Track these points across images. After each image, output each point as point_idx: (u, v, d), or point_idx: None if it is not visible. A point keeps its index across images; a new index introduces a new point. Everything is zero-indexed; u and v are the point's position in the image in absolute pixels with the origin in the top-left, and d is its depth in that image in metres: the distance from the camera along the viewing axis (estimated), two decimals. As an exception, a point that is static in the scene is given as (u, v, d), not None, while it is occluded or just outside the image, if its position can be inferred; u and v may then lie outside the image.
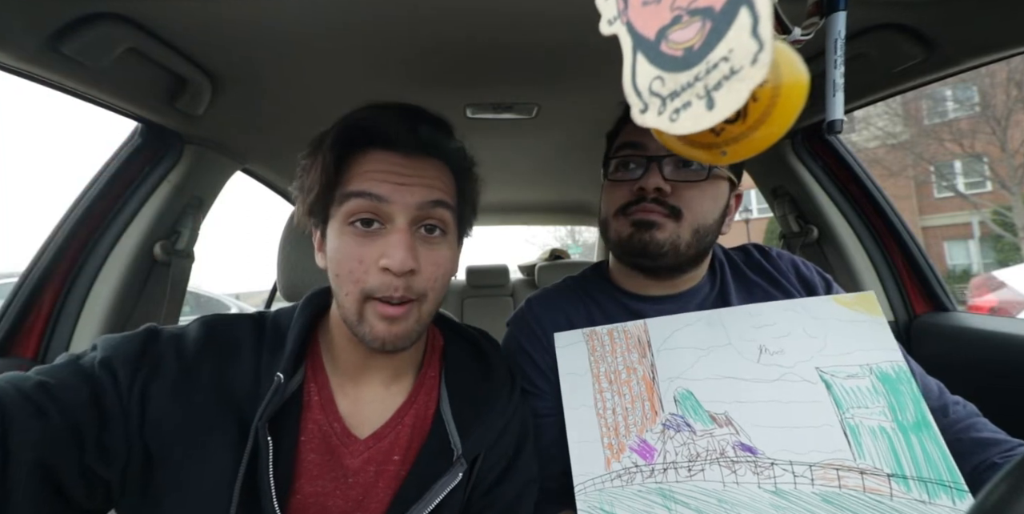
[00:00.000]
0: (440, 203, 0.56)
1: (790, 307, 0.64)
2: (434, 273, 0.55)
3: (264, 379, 0.53)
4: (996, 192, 11.56)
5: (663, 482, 0.56)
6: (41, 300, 0.91)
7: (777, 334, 0.62)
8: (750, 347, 0.62)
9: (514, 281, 2.76)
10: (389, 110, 0.57)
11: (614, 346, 0.67)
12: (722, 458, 0.56)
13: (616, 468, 0.59)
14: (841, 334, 0.60)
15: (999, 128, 10.47)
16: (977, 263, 13.04)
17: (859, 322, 0.60)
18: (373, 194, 0.53)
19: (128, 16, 0.70)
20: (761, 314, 0.64)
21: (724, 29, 0.26)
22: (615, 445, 0.60)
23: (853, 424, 0.54)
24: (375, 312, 0.53)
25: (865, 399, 0.55)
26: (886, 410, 0.54)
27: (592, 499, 0.58)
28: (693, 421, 0.59)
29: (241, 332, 0.57)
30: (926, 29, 0.77)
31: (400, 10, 0.72)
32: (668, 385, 0.62)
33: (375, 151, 0.55)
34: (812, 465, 0.53)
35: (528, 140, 1.37)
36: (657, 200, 0.67)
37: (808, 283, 0.76)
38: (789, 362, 0.59)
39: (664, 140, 0.43)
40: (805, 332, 0.61)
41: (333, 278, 0.55)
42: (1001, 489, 0.26)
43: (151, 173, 1.02)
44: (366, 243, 0.53)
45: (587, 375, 0.66)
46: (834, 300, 0.63)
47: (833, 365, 0.58)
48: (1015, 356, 0.90)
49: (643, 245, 0.67)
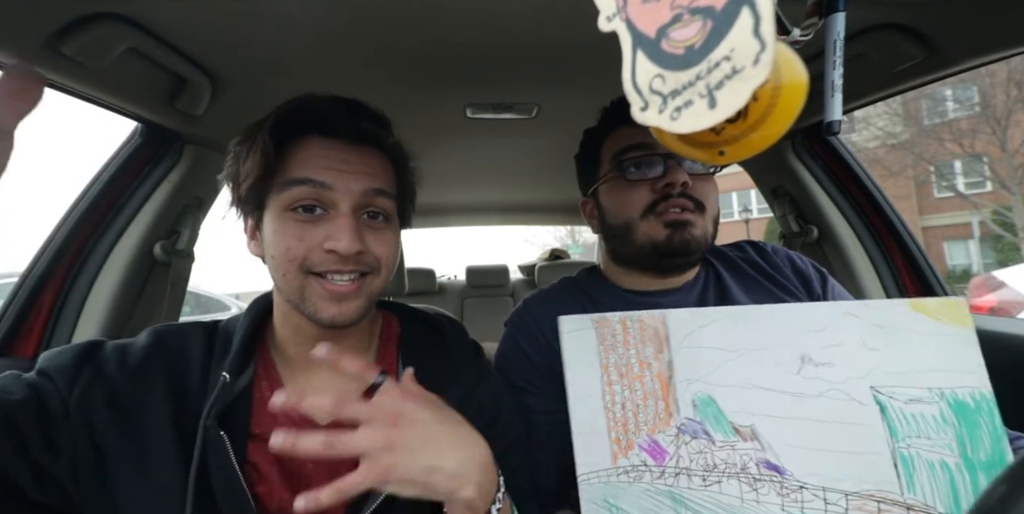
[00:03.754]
0: (382, 192, 0.56)
1: (849, 310, 0.54)
2: (383, 251, 0.55)
3: (213, 382, 0.53)
4: (996, 192, 11.57)
5: (674, 486, 0.53)
6: (41, 300, 0.91)
7: (827, 343, 0.53)
8: (790, 355, 0.54)
9: (514, 281, 2.76)
10: (329, 100, 0.57)
11: (626, 336, 0.61)
12: (743, 474, 0.51)
13: (624, 464, 0.56)
14: (910, 348, 0.51)
15: (999, 128, 10.48)
16: (977, 263, 13.05)
17: (939, 335, 0.50)
18: (317, 181, 0.52)
19: (128, 16, 0.70)
20: (809, 317, 0.55)
21: (726, 28, 0.26)
22: (623, 441, 0.57)
23: (907, 455, 0.47)
24: (320, 291, 0.52)
25: (928, 429, 0.48)
26: (953, 443, 0.47)
27: (597, 491, 0.56)
28: (713, 430, 0.54)
29: (191, 341, 0.57)
30: (926, 29, 0.77)
31: (400, 10, 0.72)
32: (686, 387, 0.57)
33: (316, 138, 0.55)
34: (849, 494, 0.48)
35: (528, 140, 1.37)
36: (683, 195, 0.68)
37: (803, 275, 0.77)
38: (838, 377, 0.51)
39: (663, 139, 0.43)
40: (863, 343, 0.52)
41: (270, 261, 0.54)
42: (1001, 489, 0.26)
43: (151, 173, 1.02)
44: (309, 227, 0.52)
45: (595, 365, 0.61)
46: (911, 305, 0.53)
47: (893, 385, 0.50)
48: (1015, 356, 0.90)
49: (684, 245, 0.67)
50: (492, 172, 1.74)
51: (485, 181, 1.87)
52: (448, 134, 1.30)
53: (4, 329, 0.87)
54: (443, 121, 1.20)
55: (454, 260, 25.37)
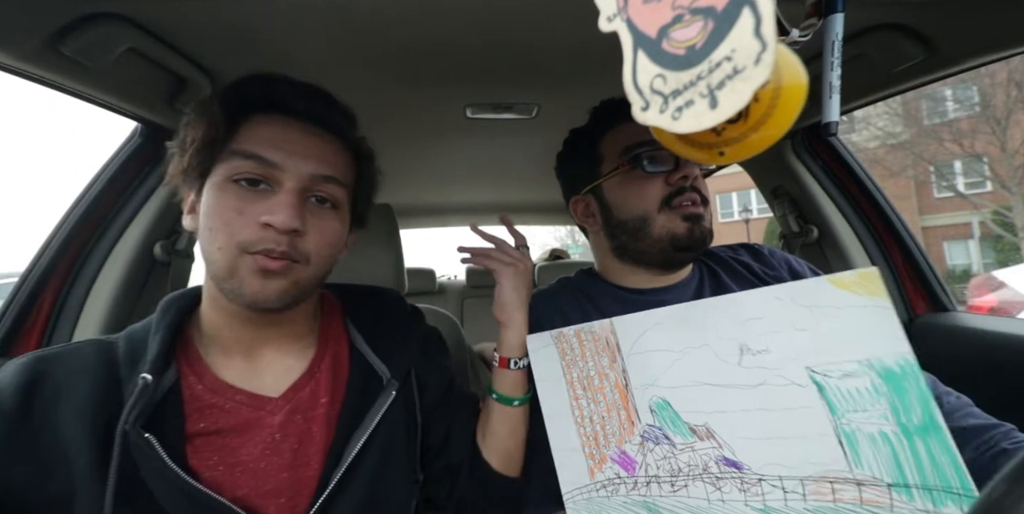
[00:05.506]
0: (332, 179, 0.54)
1: (777, 294, 0.54)
2: (320, 240, 0.53)
3: (130, 390, 0.49)
4: (996, 192, 11.57)
5: (647, 496, 0.54)
6: (41, 300, 0.91)
7: (762, 330, 0.53)
8: (730, 347, 0.54)
9: (514, 281, 2.75)
10: (296, 82, 0.56)
11: (583, 349, 0.62)
12: (705, 474, 0.52)
13: (600, 478, 0.57)
14: (837, 324, 0.50)
15: (999, 128, 10.48)
16: (977, 263, 13.06)
17: (859, 308, 0.50)
18: (264, 159, 0.50)
19: (128, 16, 0.70)
20: (743, 305, 0.55)
21: (727, 29, 0.26)
22: (596, 455, 0.58)
23: (849, 431, 0.48)
24: (250, 267, 0.49)
25: (864, 401, 0.48)
26: (888, 413, 0.47)
27: (580, 508, 0.57)
28: (672, 434, 0.54)
29: (75, 363, 0.51)
30: (926, 29, 0.77)
31: (400, 10, 0.72)
32: (642, 393, 0.57)
33: (275, 115, 0.54)
34: (804, 479, 0.48)
35: (528, 140, 1.37)
36: (693, 188, 0.70)
37: (800, 278, 0.77)
38: (775, 363, 0.51)
39: (663, 138, 0.43)
40: (793, 325, 0.52)
41: (204, 233, 0.51)
42: (1001, 489, 0.26)
43: (151, 173, 1.02)
44: (249, 200, 0.50)
45: (561, 381, 0.62)
46: (829, 281, 0.52)
47: (826, 363, 0.50)
48: (1015, 356, 0.90)
49: (702, 237, 0.70)
50: (492, 172, 1.74)
51: (485, 181, 1.87)
52: (448, 134, 1.30)
53: (4, 329, 0.87)
54: (443, 121, 1.20)
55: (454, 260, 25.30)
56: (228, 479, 0.51)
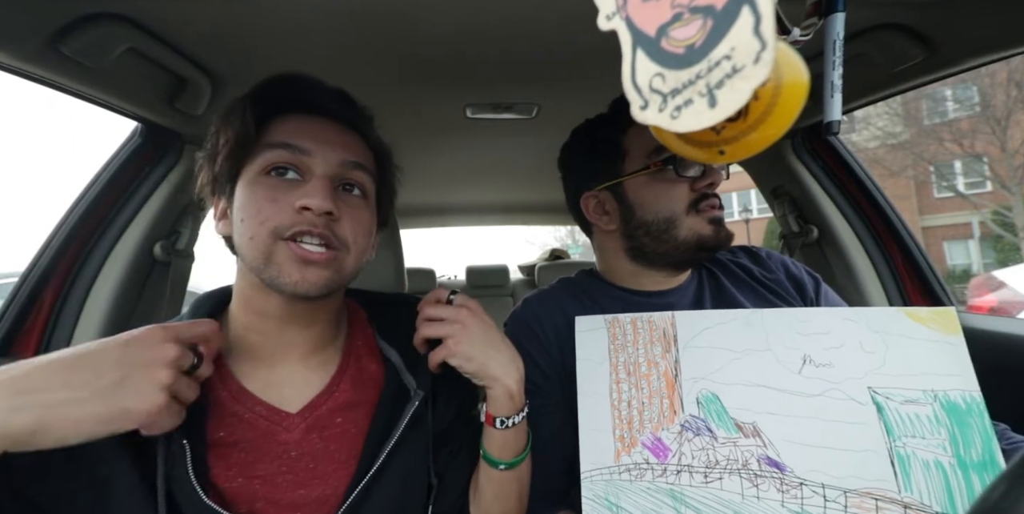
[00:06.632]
0: (360, 165, 0.56)
1: (849, 316, 0.57)
2: (355, 227, 0.54)
3: None
4: (996, 192, 11.57)
5: (675, 484, 0.54)
6: (41, 300, 0.91)
7: (827, 345, 0.56)
8: (792, 356, 0.56)
9: (514, 281, 2.76)
10: (317, 81, 0.57)
11: (636, 336, 0.63)
12: (744, 470, 0.53)
13: (626, 462, 0.57)
14: (906, 352, 0.53)
15: (999, 128, 10.48)
16: (977, 263, 13.06)
17: (932, 342, 0.53)
18: (295, 146, 0.52)
19: (128, 16, 0.70)
20: (811, 320, 0.58)
21: (726, 27, 0.26)
22: (627, 438, 0.58)
23: (904, 454, 0.49)
24: (288, 254, 0.50)
25: (923, 429, 0.49)
26: (946, 443, 0.48)
27: (598, 488, 0.57)
28: (716, 427, 0.55)
29: None
30: (926, 29, 0.77)
31: (400, 10, 0.72)
32: (692, 385, 0.58)
33: (299, 114, 0.55)
34: (847, 492, 0.49)
35: (528, 140, 1.37)
36: (715, 194, 0.72)
37: (797, 280, 0.78)
38: (837, 377, 0.54)
39: (662, 138, 0.42)
40: (861, 346, 0.55)
41: (237, 227, 0.52)
42: (1001, 489, 0.26)
43: (151, 173, 1.02)
44: (282, 189, 0.51)
45: (604, 363, 0.62)
46: (905, 313, 0.56)
47: (890, 387, 0.52)
48: (1015, 356, 0.90)
49: (728, 239, 0.71)
50: (492, 172, 1.74)
51: (485, 181, 1.87)
52: (448, 134, 1.30)
53: (4, 329, 0.87)
54: (443, 121, 1.20)
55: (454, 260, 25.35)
56: (246, 490, 0.51)
